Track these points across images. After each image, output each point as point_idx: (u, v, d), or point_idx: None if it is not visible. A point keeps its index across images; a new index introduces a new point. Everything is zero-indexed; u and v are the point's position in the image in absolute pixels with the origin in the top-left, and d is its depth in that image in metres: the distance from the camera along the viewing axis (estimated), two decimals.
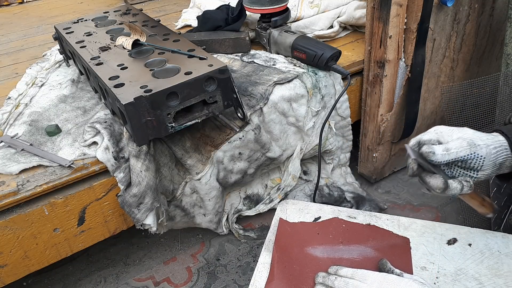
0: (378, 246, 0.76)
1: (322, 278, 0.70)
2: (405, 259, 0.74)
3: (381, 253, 0.75)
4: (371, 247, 0.76)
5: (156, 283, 1.07)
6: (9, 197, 0.78)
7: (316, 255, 0.76)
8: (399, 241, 0.77)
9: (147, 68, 0.87)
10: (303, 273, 0.73)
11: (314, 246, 0.78)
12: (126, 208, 0.87)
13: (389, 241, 0.77)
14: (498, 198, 1.06)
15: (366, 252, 0.76)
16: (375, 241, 0.77)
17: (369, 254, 0.75)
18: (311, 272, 0.72)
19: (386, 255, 0.74)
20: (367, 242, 0.76)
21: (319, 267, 0.73)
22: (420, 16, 0.97)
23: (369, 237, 0.77)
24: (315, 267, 0.74)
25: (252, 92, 0.99)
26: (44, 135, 0.92)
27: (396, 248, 0.76)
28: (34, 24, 1.72)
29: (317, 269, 0.72)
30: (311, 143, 1.09)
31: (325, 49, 1.03)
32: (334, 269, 0.70)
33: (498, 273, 0.69)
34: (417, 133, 1.23)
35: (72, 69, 1.18)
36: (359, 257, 0.75)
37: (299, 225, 0.83)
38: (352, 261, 0.75)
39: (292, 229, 0.82)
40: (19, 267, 0.85)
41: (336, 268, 0.70)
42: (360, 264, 0.72)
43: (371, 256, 0.75)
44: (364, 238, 0.78)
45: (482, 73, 1.27)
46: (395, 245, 0.76)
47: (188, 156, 0.94)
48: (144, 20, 1.13)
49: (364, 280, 0.64)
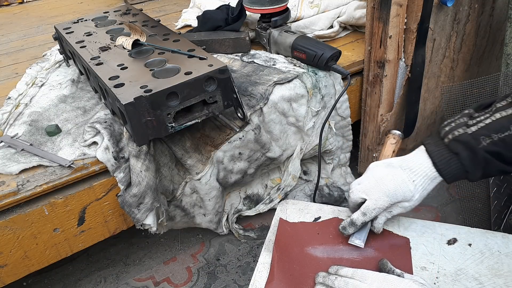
0: (379, 246, 0.76)
1: (322, 278, 0.69)
2: (406, 259, 0.74)
3: (381, 253, 0.75)
4: (372, 247, 0.76)
5: (156, 283, 1.07)
6: (9, 197, 0.78)
7: (316, 255, 0.76)
8: (400, 241, 0.77)
9: (147, 68, 0.87)
10: (303, 273, 0.73)
11: (314, 246, 0.78)
12: (126, 208, 0.87)
13: (389, 241, 0.77)
14: (498, 198, 1.07)
15: (366, 252, 0.75)
16: (375, 241, 0.77)
17: (369, 254, 0.75)
18: (311, 272, 0.72)
19: (386, 255, 0.74)
20: (368, 242, 0.76)
21: (319, 267, 0.73)
22: (420, 16, 0.97)
23: (369, 237, 0.77)
24: (315, 267, 0.73)
25: (252, 92, 0.99)
26: (44, 135, 0.92)
27: (396, 248, 0.76)
28: (34, 24, 1.72)
29: (317, 269, 0.72)
30: (311, 143, 1.09)
31: (325, 49, 1.03)
32: (335, 269, 0.70)
33: (498, 273, 0.69)
34: (417, 133, 1.24)
35: (72, 69, 1.18)
36: (359, 257, 0.75)
37: (299, 225, 0.83)
38: (352, 261, 0.74)
39: (292, 229, 0.82)
40: (19, 267, 0.85)
41: (336, 268, 0.70)
42: (360, 264, 0.72)
43: (371, 256, 0.75)
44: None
45: (482, 73, 1.27)
46: (395, 245, 0.76)
47: (188, 156, 0.94)
48: (144, 20, 1.13)
49: (364, 280, 0.64)
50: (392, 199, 0.72)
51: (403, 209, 0.74)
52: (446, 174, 0.70)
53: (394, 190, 0.72)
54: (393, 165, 0.74)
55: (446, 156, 0.69)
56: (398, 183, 0.72)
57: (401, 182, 0.72)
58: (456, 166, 0.69)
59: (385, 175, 0.73)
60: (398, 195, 0.72)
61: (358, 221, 0.74)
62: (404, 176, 0.72)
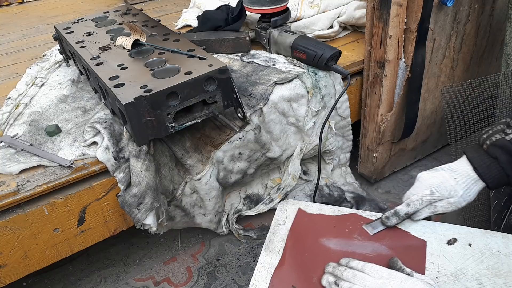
0: (393, 245, 0.76)
1: (332, 268, 0.71)
2: (419, 261, 0.73)
3: (395, 252, 0.74)
4: (386, 245, 0.76)
5: (156, 283, 1.07)
6: (9, 197, 0.78)
7: (330, 246, 0.77)
8: (416, 243, 0.76)
9: (147, 68, 0.87)
10: (314, 261, 0.74)
11: (329, 238, 0.79)
12: (126, 208, 0.87)
13: (406, 242, 0.77)
14: (498, 198, 1.06)
15: (380, 249, 0.75)
16: (391, 240, 0.77)
17: (382, 251, 0.75)
18: (322, 262, 0.73)
19: (400, 254, 0.73)
20: (383, 240, 0.76)
21: (330, 258, 0.74)
22: (420, 16, 0.97)
23: (385, 236, 0.77)
24: (326, 258, 0.74)
25: (252, 92, 0.99)
26: (44, 135, 0.92)
27: (411, 249, 0.75)
28: (34, 24, 1.72)
29: (329, 260, 0.73)
30: (311, 143, 1.09)
31: (325, 49, 1.03)
32: (346, 260, 0.71)
33: (498, 273, 0.69)
34: (417, 133, 1.24)
35: (72, 69, 1.18)
36: (372, 253, 0.75)
37: (317, 217, 0.84)
38: (364, 256, 0.75)
39: (309, 219, 0.83)
40: (19, 267, 0.85)
41: (347, 260, 0.71)
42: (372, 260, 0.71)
43: (384, 253, 0.74)
44: (380, 236, 0.78)
45: (482, 73, 1.27)
46: (411, 246, 0.76)
47: (188, 156, 0.94)
48: (144, 20, 1.13)
49: (373, 274, 0.65)
50: (434, 193, 0.75)
51: (449, 206, 0.75)
52: (488, 179, 0.72)
53: (436, 185, 0.75)
54: (436, 169, 0.78)
55: (486, 161, 0.72)
56: (440, 179, 0.75)
57: (442, 178, 0.75)
58: (497, 171, 0.71)
59: (429, 176, 0.77)
60: (440, 190, 0.74)
61: (402, 211, 0.77)
62: (445, 174, 0.75)
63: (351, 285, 0.65)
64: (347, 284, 0.66)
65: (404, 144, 1.26)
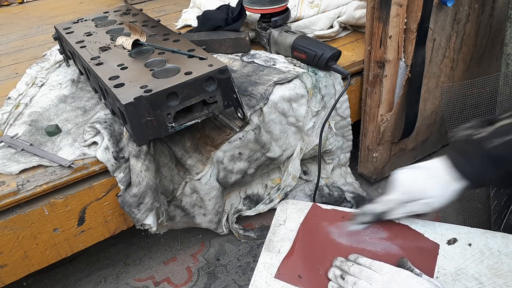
0: (405, 245, 0.75)
1: (340, 263, 0.71)
2: (430, 264, 0.72)
3: (405, 253, 0.74)
4: (397, 245, 0.76)
5: (156, 283, 1.07)
6: (9, 197, 0.78)
7: (340, 241, 0.78)
8: (428, 245, 0.76)
9: (147, 68, 0.87)
10: (323, 255, 0.75)
11: (340, 233, 0.79)
12: (126, 208, 0.87)
13: (418, 243, 0.76)
14: (498, 198, 1.07)
15: (390, 248, 0.75)
16: (403, 240, 0.76)
17: (393, 251, 0.75)
18: (331, 256, 0.74)
19: (410, 255, 0.73)
20: (394, 240, 0.76)
21: (339, 253, 0.74)
22: (420, 16, 0.97)
23: (397, 236, 0.77)
24: (335, 252, 0.75)
25: (252, 92, 0.99)
26: (44, 135, 0.92)
27: (423, 251, 0.75)
28: (34, 24, 1.72)
29: (337, 254, 0.74)
30: (311, 143, 1.09)
31: (325, 49, 1.03)
32: (354, 256, 0.71)
33: (498, 273, 0.69)
34: (417, 133, 1.24)
35: (72, 69, 1.18)
36: (382, 252, 0.75)
37: (331, 212, 0.85)
38: (374, 253, 0.75)
39: (323, 214, 0.84)
40: (19, 267, 0.85)
41: (356, 256, 0.71)
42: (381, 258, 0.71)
43: (394, 253, 0.74)
44: (392, 235, 0.77)
45: (482, 73, 1.27)
46: (423, 248, 0.75)
47: (188, 156, 0.94)
48: (144, 20, 1.13)
49: (379, 271, 0.65)
50: (406, 193, 0.72)
51: (424, 206, 0.71)
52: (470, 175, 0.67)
53: (409, 185, 0.72)
54: (412, 167, 0.74)
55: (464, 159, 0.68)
56: (414, 178, 0.72)
57: (417, 177, 0.71)
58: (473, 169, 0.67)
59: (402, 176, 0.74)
60: (412, 190, 0.71)
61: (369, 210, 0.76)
62: (420, 173, 0.72)
63: (357, 280, 0.66)
64: (352, 278, 0.66)
65: (404, 144, 1.26)
